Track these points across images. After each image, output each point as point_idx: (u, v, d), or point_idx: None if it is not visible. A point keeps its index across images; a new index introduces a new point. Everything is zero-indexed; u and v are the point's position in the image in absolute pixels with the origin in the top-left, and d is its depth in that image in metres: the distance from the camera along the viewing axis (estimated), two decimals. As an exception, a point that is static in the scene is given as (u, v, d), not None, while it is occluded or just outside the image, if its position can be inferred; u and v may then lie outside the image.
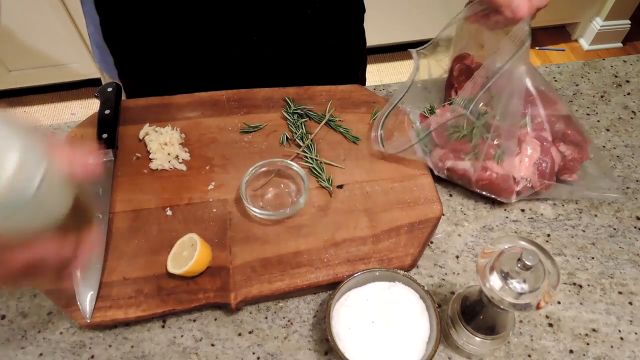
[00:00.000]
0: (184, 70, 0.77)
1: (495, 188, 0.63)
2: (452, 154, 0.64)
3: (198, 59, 0.74)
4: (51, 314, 0.56)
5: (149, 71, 0.78)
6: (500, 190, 0.63)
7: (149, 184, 0.65)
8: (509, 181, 0.62)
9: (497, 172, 0.62)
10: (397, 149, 0.65)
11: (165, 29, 0.70)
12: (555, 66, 0.86)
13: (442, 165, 0.64)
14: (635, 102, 0.81)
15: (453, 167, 0.64)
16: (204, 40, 0.72)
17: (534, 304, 0.42)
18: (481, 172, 0.62)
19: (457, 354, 0.54)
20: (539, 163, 0.63)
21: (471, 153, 0.63)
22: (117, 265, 0.57)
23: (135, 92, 0.82)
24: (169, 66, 0.76)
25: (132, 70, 0.79)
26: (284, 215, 0.61)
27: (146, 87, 0.79)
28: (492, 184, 0.63)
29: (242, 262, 0.58)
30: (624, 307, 0.58)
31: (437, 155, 0.65)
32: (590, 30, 2.39)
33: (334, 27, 0.79)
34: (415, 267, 0.61)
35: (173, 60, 0.75)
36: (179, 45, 0.73)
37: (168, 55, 0.74)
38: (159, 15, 0.68)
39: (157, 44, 0.73)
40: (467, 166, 0.63)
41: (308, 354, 0.54)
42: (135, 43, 0.73)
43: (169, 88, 0.75)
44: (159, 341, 0.55)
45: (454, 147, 0.64)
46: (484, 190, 0.64)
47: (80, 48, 1.90)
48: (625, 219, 0.66)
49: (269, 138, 0.70)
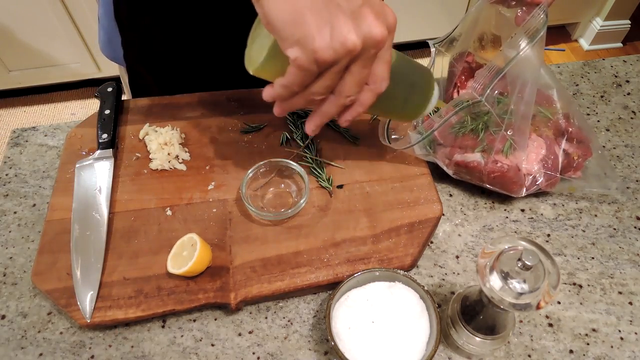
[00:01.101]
0: (190, 56, 0.77)
1: (507, 181, 0.62)
2: (460, 149, 0.63)
3: (205, 47, 0.75)
4: (51, 314, 0.56)
5: (156, 54, 0.78)
6: (511, 184, 0.62)
7: (149, 184, 0.65)
8: (520, 174, 0.61)
9: (509, 163, 0.61)
10: (401, 145, 0.65)
11: (175, 18, 0.71)
12: (555, 66, 0.86)
13: (449, 161, 0.63)
14: (635, 102, 0.81)
15: (463, 160, 0.63)
16: (211, 28, 0.72)
17: (534, 304, 0.42)
18: (492, 165, 0.61)
19: (457, 354, 0.54)
20: (545, 160, 0.63)
21: (480, 147, 0.62)
22: (117, 265, 0.57)
23: (138, 73, 0.82)
24: (175, 52, 0.76)
25: (138, 52, 0.79)
26: (285, 216, 0.61)
27: (152, 70, 0.80)
28: (504, 176, 0.62)
29: (242, 262, 0.58)
30: (624, 307, 0.58)
31: (443, 153, 0.64)
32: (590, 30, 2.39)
33: None
34: (415, 267, 0.61)
35: (180, 46, 0.75)
36: (188, 34, 0.73)
37: (175, 41, 0.74)
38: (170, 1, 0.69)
39: (166, 28, 0.73)
40: (478, 158, 0.62)
41: (308, 354, 0.54)
42: (145, 23, 0.73)
43: (174, 73, 0.75)
44: (159, 341, 0.55)
45: (461, 144, 0.64)
46: (495, 184, 0.63)
47: (80, 48, 1.90)
48: (625, 219, 0.66)
49: (269, 138, 0.70)
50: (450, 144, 0.65)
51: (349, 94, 0.45)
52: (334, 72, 0.42)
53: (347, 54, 0.41)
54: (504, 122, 0.60)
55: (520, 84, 0.59)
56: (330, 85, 0.44)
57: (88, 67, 1.99)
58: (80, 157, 0.66)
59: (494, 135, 0.61)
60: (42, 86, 2.09)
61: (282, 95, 0.45)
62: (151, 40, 0.76)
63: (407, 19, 2.07)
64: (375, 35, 0.41)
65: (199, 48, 0.76)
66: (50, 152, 0.72)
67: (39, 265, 0.57)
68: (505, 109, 0.60)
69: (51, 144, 0.73)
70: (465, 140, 0.63)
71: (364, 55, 0.42)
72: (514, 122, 0.60)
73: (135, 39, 0.78)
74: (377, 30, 0.41)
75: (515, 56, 0.57)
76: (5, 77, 1.96)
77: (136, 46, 0.79)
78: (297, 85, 0.43)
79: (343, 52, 0.40)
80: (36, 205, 0.65)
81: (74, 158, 0.66)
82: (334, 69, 0.42)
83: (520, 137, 0.61)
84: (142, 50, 0.79)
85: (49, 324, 0.56)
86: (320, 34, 0.40)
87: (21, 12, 1.75)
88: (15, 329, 0.55)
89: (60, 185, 0.64)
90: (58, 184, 0.64)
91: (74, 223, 0.59)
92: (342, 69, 0.43)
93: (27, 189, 0.67)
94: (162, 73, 0.80)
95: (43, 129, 0.74)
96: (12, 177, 0.69)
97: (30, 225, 0.64)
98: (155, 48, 0.77)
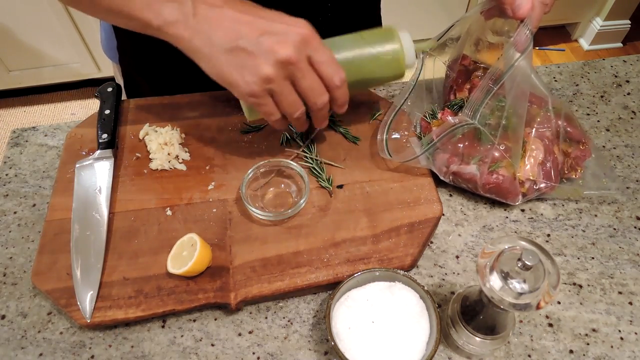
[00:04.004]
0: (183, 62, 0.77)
1: (503, 191, 0.63)
2: (457, 157, 0.64)
3: None
4: (51, 314, 0.56)
5: (149, 60, 0.78)
6: (506, 193, 0.63)
7: (149, 184, 0.65)
8: (515, 183, 0.62)
9: (504, 174, 0.62)
10: (402, 159, 0.65)
11: None
12: (555, 66, 0.86)
13: (447, 170, 0.64)
14: (635, 102, 0.81)
15: (459, 171, 0.63)
16: None
17: (534, 304, 0.42)
18: (488, 176, 0.62)
19: (457, 354, 0.54)
20: (544, 163, 0.63)
21: (477, 157, 0.63)
22: (117, 265, 0.57)
23: (133, 78, 0.82)
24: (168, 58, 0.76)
25: (132, 57, 0.80)
26: (285, 216, 0.61)
27: (145, 75, 0.80)
28: (499, 187, 0.63)
29: (242, 262, 0.58)
30: (624, 307, 0.58)
31: (441, 160, 0.65)
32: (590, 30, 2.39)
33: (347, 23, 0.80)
34: (415, 267, 0.61)
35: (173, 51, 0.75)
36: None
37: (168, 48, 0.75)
38: None
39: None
40: (474, 170, 0.62)
41: (308, 354, 0.54)
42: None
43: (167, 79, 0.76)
44: (159, 341, 0.55)
45: (459, 151, 0.64)
46: (491, 193, 0.64)
47: (80, 48, 1.90)
48: (625, 219, 0.66)
49: (269, 138, 0.70)
50: (450, 152, 0.64)
51: (315, 101, 0.53)
52: (282, 95, 0.52)
53: (270, 81, 0.49)
54: (497, 137, 0.61)
55: (512, 98, 0.59)
56: (292, 102, 0.53)
57: (88, 67, 1.99)
58: (80, 157, 0.66)
59: (493, 145, 0.62)
60: (42, 86, 2.09)
61: (274, 123, 0.56)
62: (144, 45, 0.76)
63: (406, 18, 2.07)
64: (282, 57, 0.48)
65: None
66: (50, 152, 0.72)
67: (39, 265, 0.57)
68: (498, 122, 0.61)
69: (51, 144, 0.73)
70: (464, 148, 0.64)
71: (293, 70, 0.50)
72: (508, 133, 0.61)
73: (129, 45, 0.78)
74: (281, 53, 0.48)
75: (505, 74, 0.59)
76: (5, 77, 1.96)
77: (129, 52, 0.79)
78: (272, 114, 0.53)
79: (266, 83, 0.49)
80: (36, 205, 0.65)
81: (74, 158, 0.66)
82: (279, 94, 0.51)
83: (514, 148, 0.62)
84: (136, 56, 0.79)
85: (49, 324, 0.56)
86: (241, 79, 0.49)
87: (21, 12, 1.75)
88: (15, 329, 0.55)
89: (60, 185, 0.64)
90: (58, 184, 0.64)
91: (74, 223, 0.59)
92: (287, 89, 0.51)
93: (27, 189, 0.67)
94: (156, 78, 0.80)
95: (43, 129, 0.74)
96: (12, 177, 0.69)
97: (30, 225, 0.64)
98: (149, 54, 0.77)
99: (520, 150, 0.62)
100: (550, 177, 0.63)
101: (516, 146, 0.61)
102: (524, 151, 0.63)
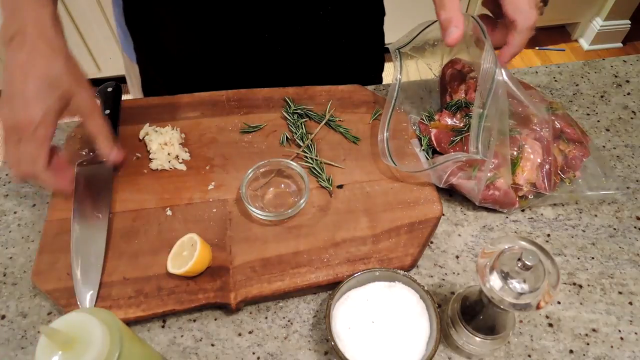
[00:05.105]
0: (199, 61, 0.78)
1: (499, 203, 0.64)
2: (456, 167, 0.64)
3: (213, 50, 0.76)
4: (51, 314, 0.56)
5: (166, 59, 0.79)
6: (503, 205, 0.64)
7: (149, 184, 0.65)
8: (511, 194, 0.63)
9: (500, 187, 0.63)
10: (408, 169, 0.66)
11: (184, 19, 0.72)
12: (555, 66, 0.86)
13: (446, 180, 0.64)
14: (635, 102, 0.81)
15: (457, 185, 0.64)
16: (218, 33, 0.73)
17: (534, 304, 0.42)
18: (485, 192, 0.63)
19: (457, 354, 0.55)
20: (543, 165, 0.63)
21: (476, 167, 0.63)
22: (117, 265, 0.57)
23: (152, 78, 0.84)
24: (185, 55, 0.78)
25: (150, 57, 0.81)
26: (285, 216, 0.61)
27: (163, 74, 0.82)
28: (496, 201, 0.64)
29: (242, 262, 0.58)
30: (624, 307, 0.58)
31: (440, 168, 0.64)
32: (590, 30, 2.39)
33: (348, 29, 0.80)
34: (415, 267, 0.61)
35: (189, 50, 0.77)
36: (196, 37, 0.74)
37: (184, 45, 0.77)
38: (178, 5, 0.70)
39: (175, 33, 0.75)
40: (472, 185, 0.63)
41: (308, 354, 0.54)
42: (155, 30, 0.75)
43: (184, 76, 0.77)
44: (159, 341, 0.55)
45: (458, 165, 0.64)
46: (487, 204, 0.65)
47: (81, 48, 1.90)
48: (625, 219, 0.66)
49: (269, 138, 0.70)
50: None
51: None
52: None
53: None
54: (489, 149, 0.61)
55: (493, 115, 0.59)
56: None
57: (88, 67, 1.99)
58: (80, 157, 0.66)
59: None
60: (42, 86, 2.08)
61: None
62: (160, 43, 0.77)
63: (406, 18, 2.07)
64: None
65: (206, 48, 0.76)
66: (50, 152, 0.72)
67: (39, 265, 0.57)
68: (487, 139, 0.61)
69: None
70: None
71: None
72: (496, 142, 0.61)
73: (145, 43, 0.79)
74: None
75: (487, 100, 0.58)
76: (5, 77, 1.96)
77: (145, 51, 0.80)
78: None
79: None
80: (36, 205, 0.65)
81: (74, 158, 0.66)
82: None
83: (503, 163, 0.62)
84: (152, 56, 0.80)
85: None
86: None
87: (21, 12, 1.75)
88: (15, 329, 0.55)
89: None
90: (58, 184, 0.64)
91: (74, 223, 0.59)
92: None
93: (27, 189, 0.67)
94: (172, 75, 0.81)
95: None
96: (12, 177, 0.69)
97: (30, 225, 0.64)
98: (164, 51, 0.78)
99: (510, 165, 0.62)
100: (549, 178, 0.63)
101: (504, 161, 0.62)
102: (520, 158, 0.63)
